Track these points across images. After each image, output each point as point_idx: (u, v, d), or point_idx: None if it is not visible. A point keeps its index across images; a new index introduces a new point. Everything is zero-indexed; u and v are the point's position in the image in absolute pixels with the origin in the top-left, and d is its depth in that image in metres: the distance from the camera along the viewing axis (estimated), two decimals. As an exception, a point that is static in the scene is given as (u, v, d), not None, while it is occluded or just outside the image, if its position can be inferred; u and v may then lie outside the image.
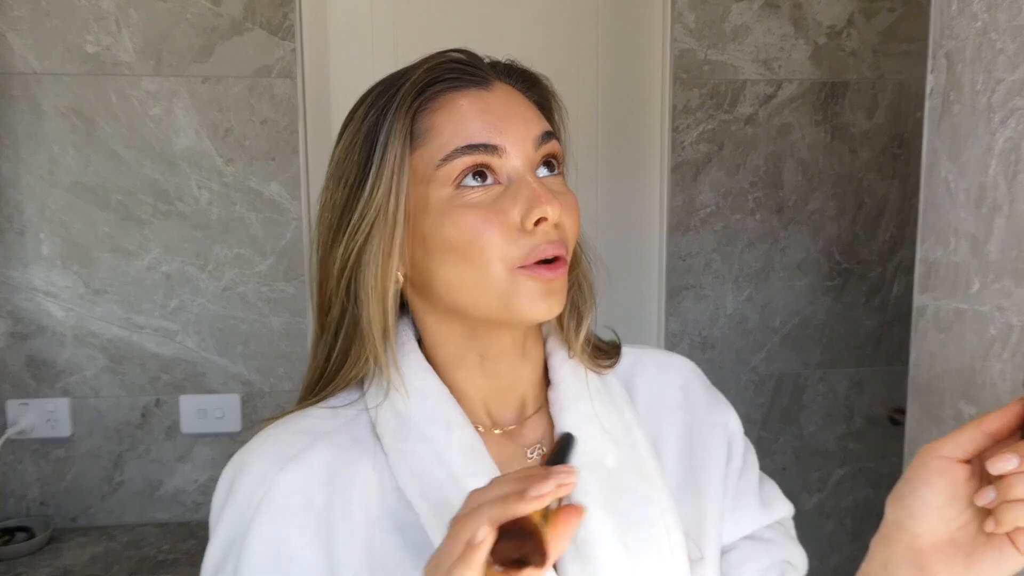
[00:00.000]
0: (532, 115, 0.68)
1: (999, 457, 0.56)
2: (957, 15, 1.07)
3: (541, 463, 0.56)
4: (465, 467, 0.66)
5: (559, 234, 0.65)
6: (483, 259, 0.63)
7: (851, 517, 2.02)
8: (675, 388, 0.80)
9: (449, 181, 0.64)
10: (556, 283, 0.64)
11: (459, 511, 0.51)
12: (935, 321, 1.14)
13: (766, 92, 1.85)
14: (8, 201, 1.65)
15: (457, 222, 0.63)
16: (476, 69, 0.67)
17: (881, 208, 1.93)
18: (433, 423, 0.67)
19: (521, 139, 0.65)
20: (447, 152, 0.64)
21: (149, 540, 1.66)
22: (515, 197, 0.64)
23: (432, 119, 0.65)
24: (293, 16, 1.68)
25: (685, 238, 1.88)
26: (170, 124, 1.67)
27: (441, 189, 0.64)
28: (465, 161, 0.63)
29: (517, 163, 0.65)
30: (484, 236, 0.63)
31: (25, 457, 1.70)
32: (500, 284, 0.63)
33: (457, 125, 0.64)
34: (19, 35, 1.61)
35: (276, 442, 0.67)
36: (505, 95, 0.67)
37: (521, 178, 0.64)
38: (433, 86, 0.66)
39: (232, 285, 1.72)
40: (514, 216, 0.63)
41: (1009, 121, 0.99)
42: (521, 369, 0.72)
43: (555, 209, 0.63)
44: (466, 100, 0.65)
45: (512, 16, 1.83)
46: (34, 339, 1.68)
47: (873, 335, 1.98)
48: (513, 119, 0.65)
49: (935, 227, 1.14)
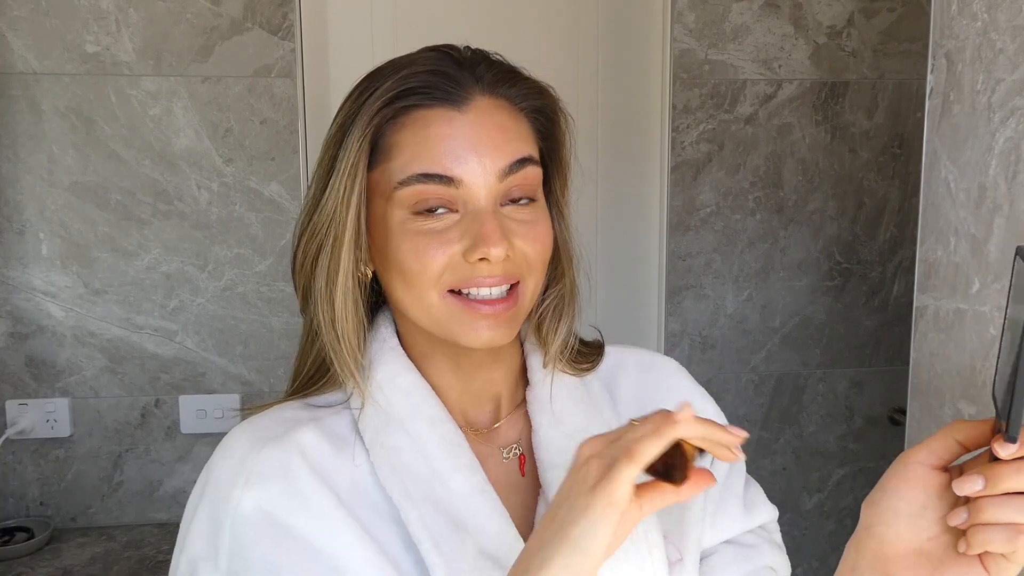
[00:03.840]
0: (505, 141, 0.64)
1: (966, 477, 0.54)
2: (957, 15, 1.07)
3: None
4: (448, 462, 0.66)
5: (506, 267, 0.64)
6: (419, 283, 0.64)
7: (851, 517, 2.02)
8: (658, 388, 0.80)
9: (405, 205, 0.64)
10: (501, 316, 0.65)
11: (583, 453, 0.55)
12: (935, 321, 1.14)
13: (766, 92, 1.85)
14: (8, 201, 1.65)
15: (401, 246, 0.64)
16: (453, 85, 0.64)
17: (881, 208, 1.93)
18: (415, 419, 0.67)
19: (484, 171, 0.63)
20: (404, 176, 0.63)
21: (149, 540, 1.66)
22: (464, 231, 0.63)
23: (397, 136, 0.64)
24: (293, 16, 1.68)
25: (685, 238, 1.88)
26: (170, 124, 1.67)
27: (397, 210, 0.64)
28: (419, 190, 0.63)
29: (478, 194, 0.63)
30: (423, 263, 0.63)
31: (25, 457, 1.70)
32: (434, 308, 0.65)
33: (419, 148, 0.63)
34: (19, 35, 1.61)
35: (255, 427, 0.67)
36: (479, 117, 0.64)
37: (477, 212, 0.63)
38: (404, 99, 0.64)
39: (232, 285, 1.72)
40: (456, 249, 0.63)
41: (1009, 121, 0.99)
42: (494, 372, 0.72)
43: (499, 250, 0.62)
44: (433, 121, 0.63)
45: (512, 16, 1.83)
46: (34, 339, 1.68)
47: (873, 335, 1.97)
48: (480, 148, 0.63)
49: (935, 227, 1.14)
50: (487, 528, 0.64)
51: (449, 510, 0.64)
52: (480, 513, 0.65)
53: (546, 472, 0.69)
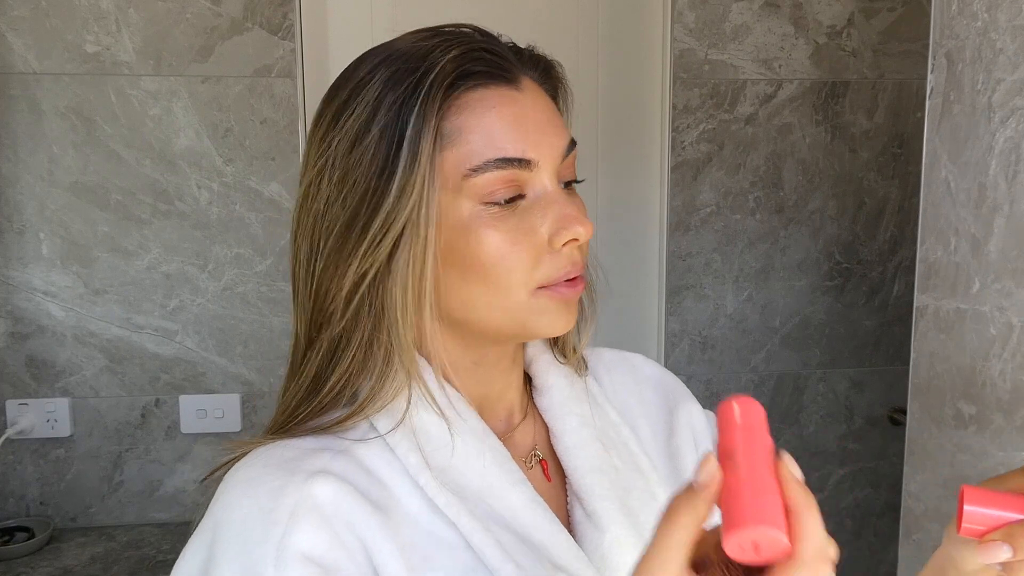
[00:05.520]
0: (559, 121, 0.63)
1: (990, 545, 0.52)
2: (957, 15, 1.07)
3: None
4: (503, 477, 0.62)
5: (582, 253, 0.62)
6: (507, 282, 0.59)
7: (851, 517, 2.02)
8: (638, 382, 0.79)
9: (478, 195, 0.58)
10: (574, 299, 0.62)
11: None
12: (935, 321, 1.14)
13: (766, 92, 1.85)
14: (8, 201, 1.65)
15: (483, 241, 0.58)
16: (506, 62, 0.61)
17: (881, 208, 1.93)
18: (463, 435, 0.62)
19: (553, 152, 0.60)
20: (478, 163, 0.58)
21: (149, 540, 1.66)
22: (544, 215, 0.59)
23: (460, 119, 0.58)
24: (293, 16, 1.68)
25: (685, 238, 1.88)
26: (170, 124, 1.67)
27: (466, 202, 0.58)
28: (498, 176, 0.58)
29: (546, 177, 0.60)
30: (510, 259, 0.58)
31: (25, 457, 1.70)
32: (520, 306, 0.60)
33: (489, 132, 0.58)
34: (19, 35, 1.61)
35: (276, 458, 0.58)
36: (534, 97, 0.61)
37: (548, 194, 0.60)
38: (463, 80, 0.59)
39: (232, 285, 1.72)
40: (542, 235, 0.59)
41: (1009, 121, 0.99)
42: (511, 376, 0.69)
43: (587, 230, 0.59)
44: (497, 102, 0.59)
45: (512, 16, 1.83)
46: (34, 339, 1.68)
47: (873, 335, 1.97)
48: (546, 129, 0.60)
49: (935, 227, 1.14)
50: (552, 542, 0.61)
51: (514, 527, 0.61)
52: (542, 527, 0.61)
53: (584, 477, 0.67)
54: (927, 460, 1.19)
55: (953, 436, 1.11)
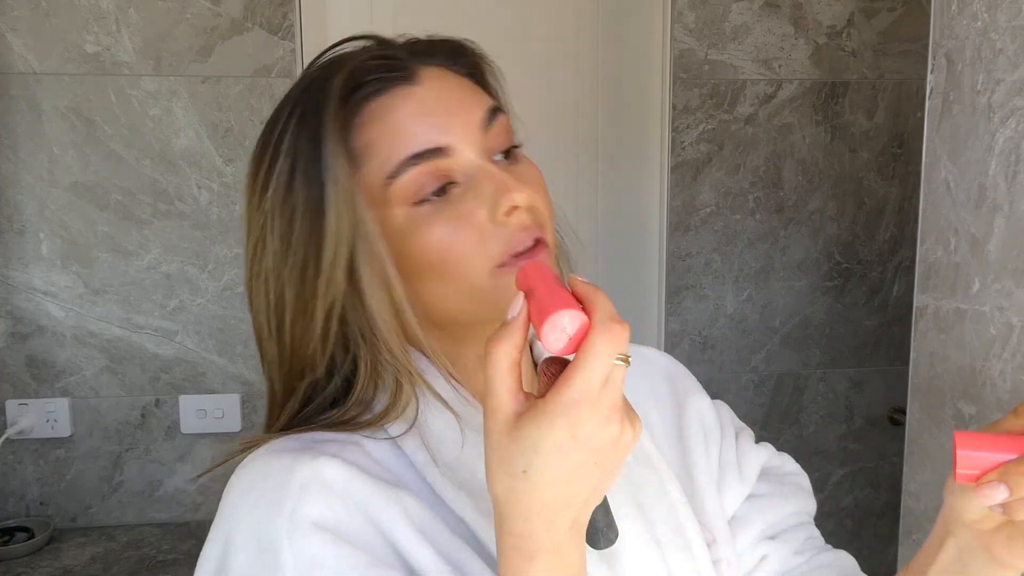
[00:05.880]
0: (470, 96, 0.62)
1: (987, 486, 0.52)
2: (957, 15, 1.07)
3: None
4: None
5: (533, 217, 0.60)
6: (464, 271, 0.58)
7: (851, 517, 2.02)
8: (649, 376, 0.78)
9: (405, 198, 0.58)
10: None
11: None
12: (935, 321, 1.14)
13: (766, 92, 1.85)
14: (8, 201, 1.65)
15: (426, 239, 0.58)
16: (397, 62, 0.61)
17: (881, 208, 1.93)
18: (473, 430, 0.61)
19: (467, 129, 0.59)
20: (392, 167, 0.58)
21: (149, 540, 1.66)
22: (477, 194, 0.58)
23: (365, 134, 0.59)
24: (293, 16, 1.68)
25: (685, 238, 1.88)
26: (170, 124, 1.67)
27: (397, 209, 0.58)
28: (417, 173, 0.58)
29: (471, 156, 0.59)
30: (456, 247, 0.58)
31: (25, 457, 1.70)
32: (487, 289, 0.59)
33: (396, 133, 0.58)
34: (19, 35, 1.61)
35: (286, 445, 0.58)
36: (435, 83, 0.61)
37: (479, 170, 0.59)
38: (357, 94, 0.59)
39: (232, 285, 1.72)
40: (481, 215, 0.58)
41: (1009, 121, 0.99)
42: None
43: (523, 195, 0.58)
44: (396, 103, 0.59)
45: (512, 17, 1.83)
46: (34, 339, 1.68)
47: (873, 335, 1.98)
48: (452, 109, 0.59)
49: (935, 227, 1.14)
50: None
51: None
52: None
53: None
54: (927, 460, 1.19)
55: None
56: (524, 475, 0.46)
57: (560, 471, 0.46)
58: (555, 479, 0.46)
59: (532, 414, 0.46)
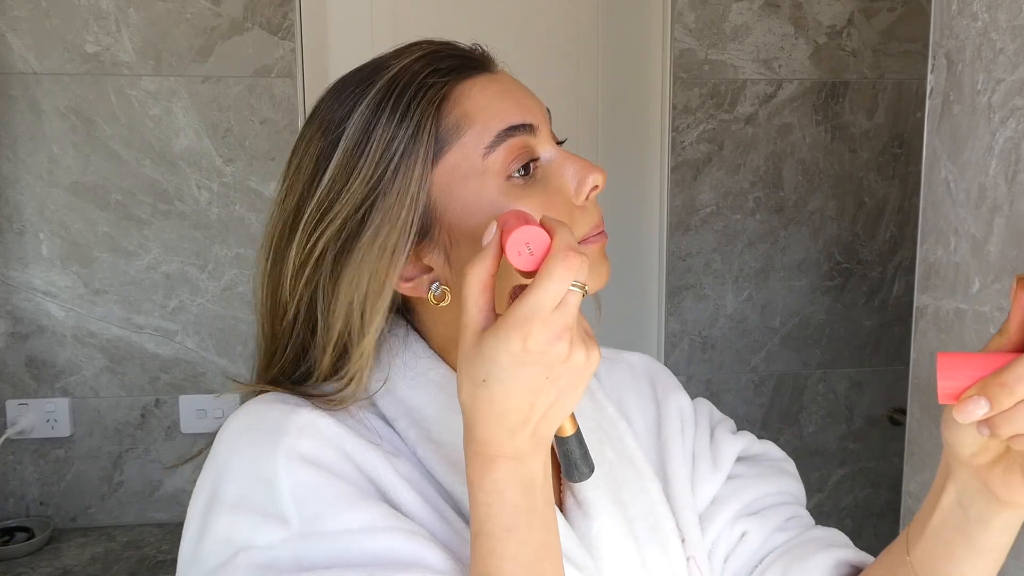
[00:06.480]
0: (531, 91, 0.67)
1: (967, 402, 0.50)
2: (957, 15, 1.07)
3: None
4: None
5: None
6: None
7: (851, 517, 2.02)
8: (633, 379, 0.81)
9: (500, 171, 0.60)
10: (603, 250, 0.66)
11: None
12: (935, 321, 1.14)
13: (766, 92, 1.85)
14: (8, 201, 1.65)
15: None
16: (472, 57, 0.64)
17: (881, 208, 1.93)
18: (455, 413, 0.60)
19: (543, 115, 0.64)
20: (491, 138, 0.60)
21: (149, 540, 1.66)
22: (562, 173, 0.63)
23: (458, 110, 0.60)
24: (293, 16, 1.68)
25: (685, 238, 1.88)
26: (170, 124, 1.67)
27: (492, 181, 0.60)
28: (512, 145, 0.60)
29: (548, 138, 0.64)
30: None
31: (25, 457, 1.70)
32: None
33: (488, 109, 0.61)
34: (19, 35, 1.61)
35: (279, 397, 0.61)
36: (507, 76, 0.65)
37: (556, 154, 0.64)
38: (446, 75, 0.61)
39: (232, 285, 1.72)
40: (569, 192, 0.63)
41: (1009, 121, 0.99)
42: None
43: (602, 176, 0.63)
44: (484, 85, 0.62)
45: (512, 17, 1.83)
46: (34, 339, 1.68)
47: (873, 335, 1.98)
48: (530, 97, 0.64)
49: (935, 227, 1.14)
50: None
51: None
52: None
53: None
54: (927, 460, 1.19)
55: (953, 436, 1.11)
56: (484, 384, 0.50)
57: (517, 382, 0.50)
58: (513, 390, 0.50)
59: (492, 328, 0.50)
